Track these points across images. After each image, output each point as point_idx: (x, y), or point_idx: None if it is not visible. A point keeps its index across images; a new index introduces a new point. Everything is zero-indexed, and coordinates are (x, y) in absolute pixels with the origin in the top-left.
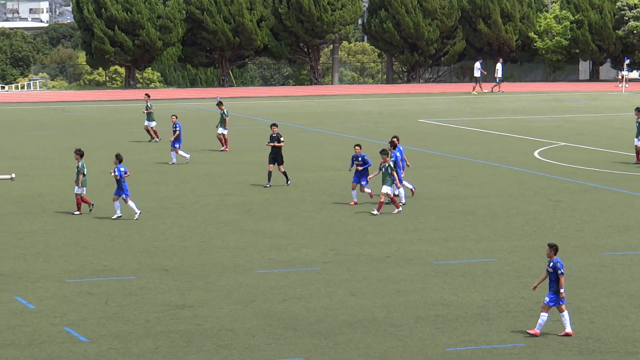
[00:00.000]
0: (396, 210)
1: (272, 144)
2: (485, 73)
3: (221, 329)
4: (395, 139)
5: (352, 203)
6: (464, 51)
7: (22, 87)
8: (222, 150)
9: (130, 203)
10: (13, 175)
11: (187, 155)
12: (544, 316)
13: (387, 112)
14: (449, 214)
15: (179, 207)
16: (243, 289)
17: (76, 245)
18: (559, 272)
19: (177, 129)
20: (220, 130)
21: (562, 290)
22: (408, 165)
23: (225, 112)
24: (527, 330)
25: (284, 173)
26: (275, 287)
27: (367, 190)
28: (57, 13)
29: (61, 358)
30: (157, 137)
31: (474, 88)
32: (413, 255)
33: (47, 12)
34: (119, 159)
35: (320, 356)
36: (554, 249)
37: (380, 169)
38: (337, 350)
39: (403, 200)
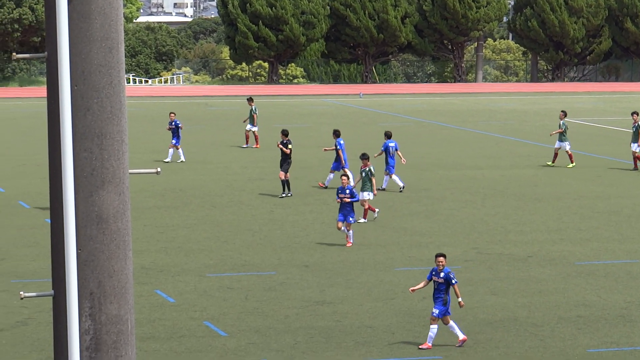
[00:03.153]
0: (362, 220)
1: (285, 149)
2: None
3: (361, 326)
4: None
5: (349, 244)
6: (610, 50)
7: (166, 81)
8: (246, 147)
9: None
10: (159, 170)
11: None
12: (433, 328)
13: (531, 111)
14: (592, 214)
15: (320, 203)
16: (383, 286)
17: (217, 239)
18: (453, 281)
19: (174, 125)
20: (249, 127)
21: (460, 299)
22: (403, 161)
23: (254, 109)
24: (420, 347)
25: (287, 182)
26: (415, 284)
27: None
28: (201, 8)
29: (200, 352)
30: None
31: None
32: (555, 255)
33: (191, 6)
34: (336, 134)
35: (459, 355)
36: (445, 258)
37: (361, 174)
38: (476, 349)
39: (401, 184)
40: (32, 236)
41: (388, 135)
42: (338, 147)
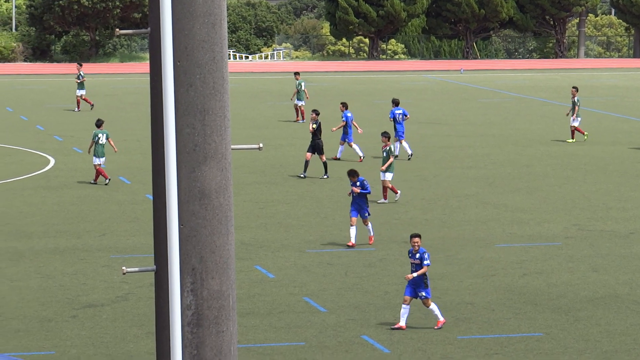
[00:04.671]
0: (382, 200)
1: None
2: None
3: (461, 302)
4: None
5: (350, 244)
6: None
7: (266, 57)
8: (295, 121)
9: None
10: (260, 145)
11: None
12: (432, 308)
13: (633, 87)
14: None
15: (420, 179)
16: (484, 262)
17: (317, 215)
18: (425, 262)
19: None
20: (297, 101)
21: (414, 275)
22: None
23: (300, 84)
24: (392, 327)
25: (324, 164)
26: (516, 261)
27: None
28: None
29: (300, 327)
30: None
31: None
32: None
33: None
34: (345, 105)
35: (560, 332)
36: (420, 238)
37: (383, 153)
38: (577, 327)
39: (409, 151)
40: (133, 212)
41: (396, 103)
42: (344, 119)
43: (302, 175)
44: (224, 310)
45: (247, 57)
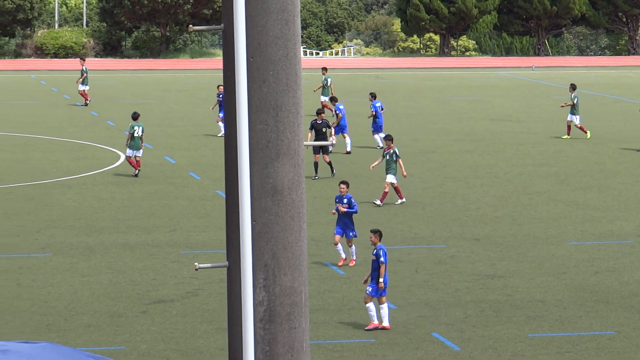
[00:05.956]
0: (399, 201)
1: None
2: None
3: (531, 300)
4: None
5: (341, 262)
6: None
7: (337, 54)
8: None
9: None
10: (334, 141)
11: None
12: (369, 307)
13: None
14: None
15: (491, 176)
16: (555, 260)
17: (387, 212)
18: (380, 259)
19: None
20: (322, 97)
21: (380, 280)
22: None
23: (326, 80)
24: (366, 328)
25: (329, 163)
26: (587, 259)
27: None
28: None
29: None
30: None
31: None
32: None
33: None
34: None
35: (632, 330)
36: (378, 234)
37: (384, 156)
38: None
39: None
40: (203, 207)
41: (374, 96)
42: (337, 111)
43: (315, 177)
44: (296, 307)
45: (317, 54)
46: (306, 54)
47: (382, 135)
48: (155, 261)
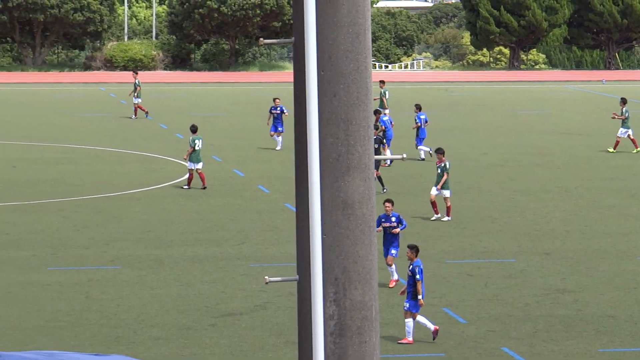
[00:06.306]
0: (434, 217)
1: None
2: None
3: (602, 315)
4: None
5: (393, 282)
6: None
7: (406, 67)
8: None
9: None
10: (404, 155)
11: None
12: (408, 322)
13: None
14: None
15: (561, 190)
16: (625, 275)
17: (456, 226)
18: (416, 277)
19: (279, 111)
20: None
21: (419, 297)
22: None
23: (384, 93)
24: (399, 341)
25: (379, 178)
26: None
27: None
28: None
29: (439, 338)
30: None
31: None
32: None
33: None
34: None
35: None
36: (414, 250)
37: (437, 169)
38: None
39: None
40: (271, 220)
41: (419, 107)
42: (381, 124)
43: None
44: (367, 321)
45: (386, 67)
46: (375, 67)
47: (424, 147)
48: (224, 274)
